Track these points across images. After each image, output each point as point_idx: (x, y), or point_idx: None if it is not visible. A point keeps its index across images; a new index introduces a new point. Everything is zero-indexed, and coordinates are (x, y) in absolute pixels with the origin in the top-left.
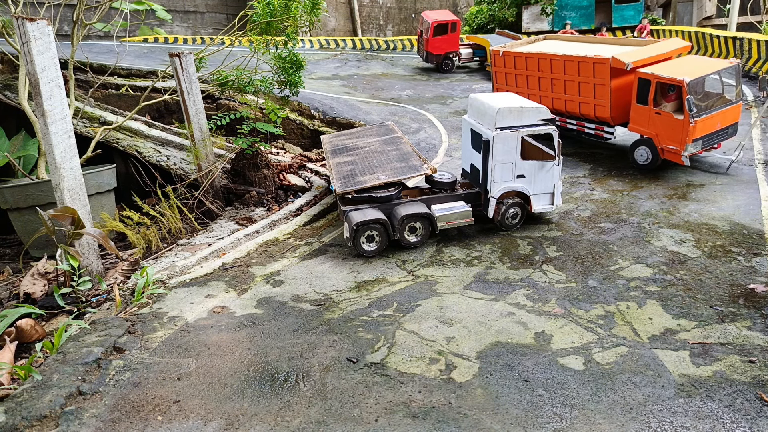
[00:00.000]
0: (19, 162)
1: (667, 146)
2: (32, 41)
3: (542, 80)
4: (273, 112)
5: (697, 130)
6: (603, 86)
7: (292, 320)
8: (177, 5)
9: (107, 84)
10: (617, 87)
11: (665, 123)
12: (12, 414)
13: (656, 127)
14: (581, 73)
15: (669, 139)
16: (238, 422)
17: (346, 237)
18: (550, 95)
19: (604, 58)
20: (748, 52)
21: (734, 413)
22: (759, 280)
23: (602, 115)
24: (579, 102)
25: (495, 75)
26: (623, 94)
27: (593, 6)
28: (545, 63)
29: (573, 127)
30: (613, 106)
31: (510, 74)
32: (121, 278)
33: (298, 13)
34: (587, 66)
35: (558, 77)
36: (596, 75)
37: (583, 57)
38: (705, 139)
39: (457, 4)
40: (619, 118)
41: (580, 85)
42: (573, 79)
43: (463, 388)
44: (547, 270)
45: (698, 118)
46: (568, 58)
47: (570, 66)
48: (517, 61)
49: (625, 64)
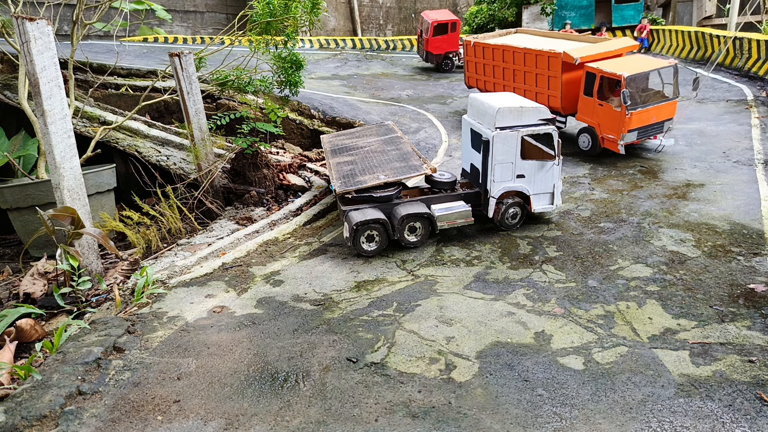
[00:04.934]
0: (19, 162)
1: (607, 135)
2: (32, 41)
3: (506, 71)
4: (273, 111)
5: (633, 121)
6: (555, 78)
7: (292, 320)
8: (177, 5)
9: (107, 84)
10: (568, 80)
11: (606, 114)
12: (12, 414)
13: (599, 118)
14: (538, 65)
15: (608, 128)
16: (238, 422)
17: (345, 237)
18: (512, 85)
19: (557, 52)
20: (748, 52)
21: (734, 413)
22: (759, 279)
23: (554, 105)
24: (536, 92)
25: (467, 64)
26: (573, 86)
27: (593, 6)
28: (509, 54)
29: None
30: (564, 97)
31: (479, 64)
32: (121, 278)
33: (298, 12)
34: (543, 59)
35: (519, 68)
36: (550, 68)
37: (540, 50)
38: (641, 130)
39: (457, 3)
40: (569, 109)
41: (537, 77)
42: (531, 70)
43: (463, 388)
44: (547, 270)
45: (634, 110)
46: (528, 51)
47: (529, 58)
48: (485, 51)
49: (574, 58)
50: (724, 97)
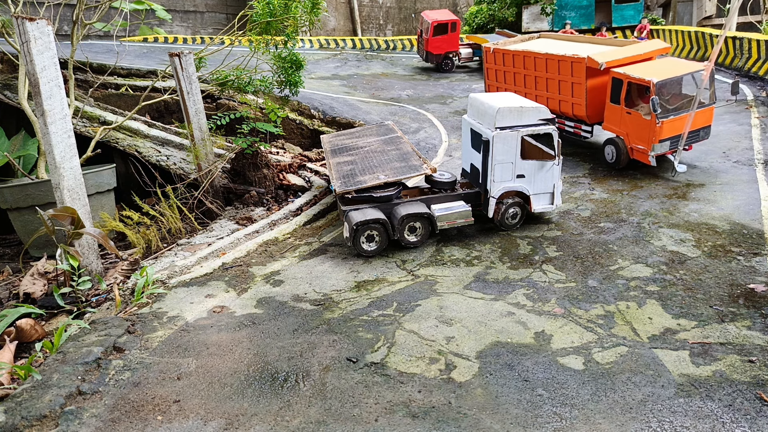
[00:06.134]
0: (19, 162)
1: (636, 146)
2: (32, 41)
3: (527, 78)
4: (273, 111)
5: (664, 130)
6: (579, 85)
7: (292, 320)
8: (177, 5)
9: (107, 84)
10: (593, 86)
11: (635, 123)
12: (12, 414)
13: (627, 127)
14: (561, 71)
15: (637, 138)
16: (238, 422)
17: (345, 237)
18: (534, 93)
19: (580, 57)
20: (748, 52)
21: (734, 413)
22: (759, 279)
23: (579, 113)
24: (559, 100)
25: (486, 72)
26: (599, 93)
27: (593, 6)
28: (530, 61)
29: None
30: (589, 105)
31: (500, 71)
32: (120, 278)
33: (298, 12)
34: (566, 65)
35: (541, 75)
36: (574, 74)
37: (562, 56)
38: (673, 139)
39: (457, 3)
40: (595, 117)
41: (560, 84)
42: (554, 77)
43: (463, 388)
44: (547, 270)
45: (665, 118)
46: (550, 56)
47: (551, 64)
48: (505, 58)
49: (599, 63)
50: (724, 97)
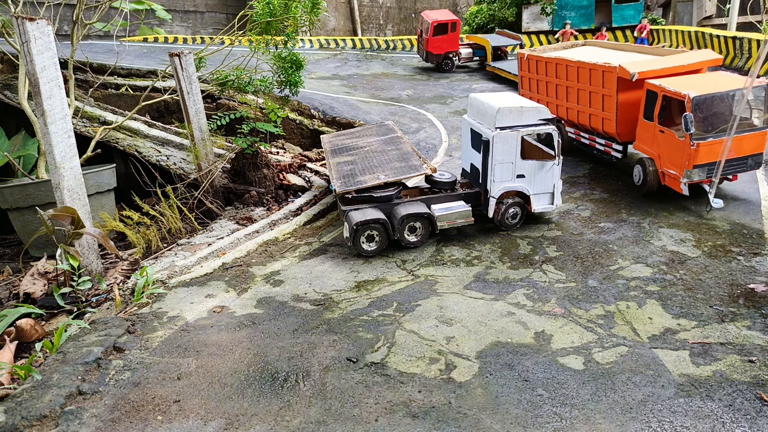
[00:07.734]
0: (19, 162)
1: (668, 170)
2: (32, 41)
3: (559, 88)
4: (273, 111)
5: (701, 154)
6: (610, 97)
7: (292, 320)
8: (177, 5)
9: (107, 84)
10: (626, 100)
11: (668, 143)
12: (12, 414)
13: (659, 147)
14: (592, 81)
15: (670, 161)
16: (238, 422)
17: (346, 237)
18: (565, 105)
19: (611, 66)
20: (748, 52)
21: (734, 413)
22: (759, 279)
23: (609, 129)
24: (589, 113)
25: (521, 80)
26: (632, 108)
27: (593, 6)
28: (562, 69)
29: (586, 141)
30: (620, 121)
31: (533, 80)
32: (121, 278)
33: (298, 12)
34: (597, 74)
35: (572, 85)
36: (605, 85)
37: (593, 64)
38: (712, 166)
39: (457, 3)
40: (626, 135)
41: (591, 95)
42: (585, 88)
43: (463, 388)
44: (547, 270)
45: (702, 140)
46: (582, 64)
47: (582, 73)
48: (539, 66)
49: (630, 73)
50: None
